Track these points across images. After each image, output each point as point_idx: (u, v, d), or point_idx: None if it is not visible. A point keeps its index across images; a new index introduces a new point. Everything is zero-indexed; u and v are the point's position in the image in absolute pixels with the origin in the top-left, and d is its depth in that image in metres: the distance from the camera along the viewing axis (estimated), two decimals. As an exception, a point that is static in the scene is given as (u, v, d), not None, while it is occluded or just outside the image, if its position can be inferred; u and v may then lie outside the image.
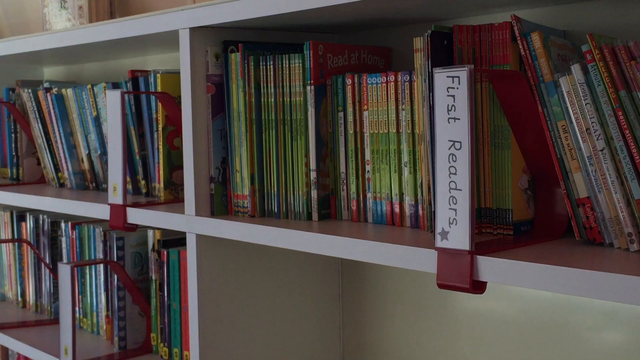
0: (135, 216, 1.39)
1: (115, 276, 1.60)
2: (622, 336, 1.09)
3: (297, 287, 1.42)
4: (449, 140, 0.89)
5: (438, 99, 0.90)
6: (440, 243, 0.90)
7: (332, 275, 1.46)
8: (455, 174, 0.89)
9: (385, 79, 1.11)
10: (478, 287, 0.89)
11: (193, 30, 1.24)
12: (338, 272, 1.47)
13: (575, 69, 0.89)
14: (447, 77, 0.89)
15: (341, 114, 1.17)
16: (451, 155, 0.89)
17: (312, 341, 1.44)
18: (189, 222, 1.28)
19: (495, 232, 1.01)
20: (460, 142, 0.88)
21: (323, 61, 1.18)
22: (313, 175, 1.18)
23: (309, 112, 1.17)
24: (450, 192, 0.89)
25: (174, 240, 1.52)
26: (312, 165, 1.18)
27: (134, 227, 1.41)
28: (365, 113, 1.14)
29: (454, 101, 0.88)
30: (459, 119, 0.88)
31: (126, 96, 1.55)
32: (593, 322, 1.12)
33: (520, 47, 0.94)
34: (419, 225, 1.09)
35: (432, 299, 1.32)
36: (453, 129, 0.89)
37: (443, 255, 0.90)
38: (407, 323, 1.37)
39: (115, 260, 1.60)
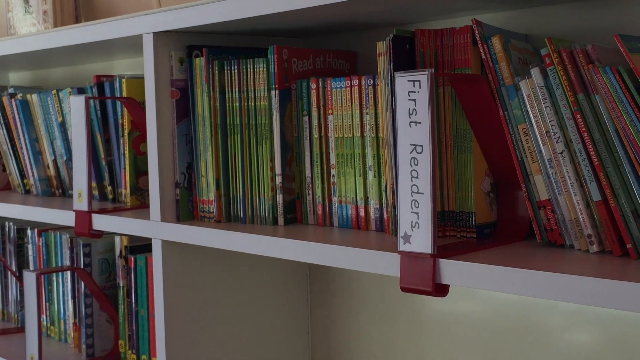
0: (101, 222, 1.37)
1: (83, 283, 1.58)
2: (588, 336, 1.10)
3: (265, 292, 1.41)
4: (411, 144, 0.89)
5: (399, 103, 0.90)
6: (402, 247, 0.91)
7: (300, 280, 1.46)
8: (417, 177, 0.89)
9: (349, 83, 1.11)
10: (440, 290, 0.89)
11: (157, 34, 1.23)
12: (307, 277, 1.47)
13: (535, 72, 0.90)
14: (408, 81, 0.89)
15: (306, 118, 1.17)
16: (413, 159, 0.89)
17: (280, 346, 1.44)
18: (155, 228, 1.27)
19: (459, 235, 1.02)
20: (421, 146, 0.88)
21: (288, 65, 1.18)
22: (278, 179, 1.18)
23: (273, 116, 1.17)
24: (412, 196, 0.89)
25: (142, 247, 1.51)
26: (278, 169, 1.18)
27: (100, 234, 1.40)
28: (330, 117, 1.14)
29: (415, 105, 0.89)
30: (420, 123, 0.88)
31: (92, 101, 1.54)
32: (559, 322, 1.13)
33: (481, 50, 0.95)
34: (384, 229, 1.09)
35: (400, 303, 1.32)
36: (414, 133, 0.89)
37: (406, 259, 0.91)
38: (376, 327, 1.37)
39: (82, 267, 1.59)
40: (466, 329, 1.24)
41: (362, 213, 1.12)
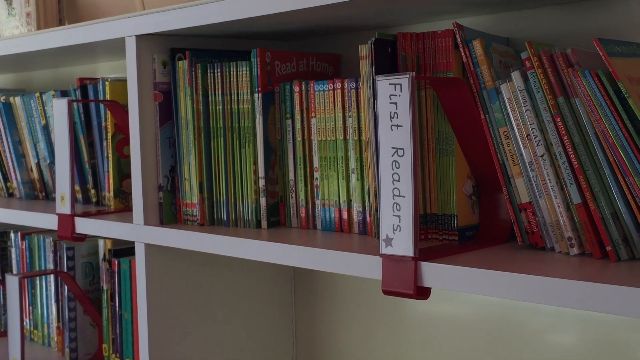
0: (84, 226, 1.37)
1: (66, 287, 1.57)
2: (570, 337, 1.11)
3: (250, 294, 1.41)
4: (392, 147, 0.90)
5: (381, 106, 0.90)
6: (384, 250, 0.91)
7: (284, 283, 1.46)
8: (398, 180, 0.89)
9: (332, 86, 1.11)
10: (422, 293, 0.89)
11: (139, 37, 1.23)
12: (291, 279, 1.47)
13: (515, 75, 0.91)
14: (390, 84, 0.89)
15: (289, 121, 1.17)
16: (394, 162, 0.89)
17: (265, 350, 1.43)
18: (137, 231, 1.26)
19: (441, 237, 1.02)
20: (403, 149, 0.89)
21: (271, 68, 1.18)
22: (262, 182, 1.18)
23: (256, 119, 1.17)
24: (394, 199, 0.90)
25: (125, 250, 1.50)
26: (261, 172, 1.18)
27: (83, 237, 1.39)
28: (313, 120, 1.14)
29: (397, 108, 0.89)
30: (401, 126, 0.89)
31: (75, 104, 1.54)
32: (542, 323, 1.14)
33: (462, 54, 0.95)
34: (367, 232, 1.09)
35: (384, 305, 1.33)
36: (396, 136, 0.89)
37: (387, 262, 0.91)
38: (360, 329, 1.37)
39: (65, 270, 1.58)
40: (449, 330, 1.24)
41: (345, 216, 1.12)
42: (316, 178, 1.15)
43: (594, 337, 1.08)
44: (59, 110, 1.38)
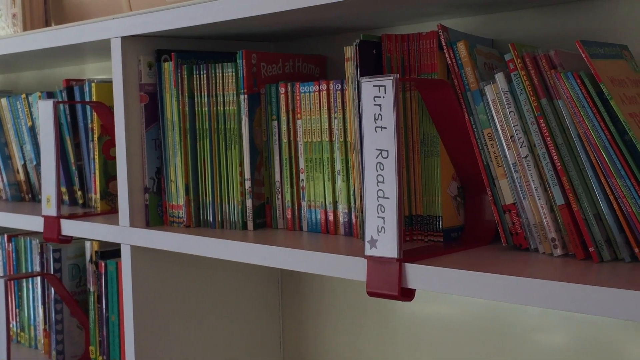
0: (70, 228, 1.36)
1: (53, 289, 1.57)
2: (557, 337, 1.11)
3: (236, 296, 1.41)
4: (377, 149, 0.90)
5: (365, 108, 0.90)
6: (369, 251, 0.91)
7: (271, 285, 1.46)
8: (383, 182, 0.89)
9: (317, 87, 1.11)
10: (406, 294, 0.89)
11: (125, 39, 1.23)
12: (278, 281, 1.47)
13: (499, 77, 0.91)
14: (374, 86, 0.89)
15: (275, 123, 1.17)
16: (379, 164, 0.89)
17: (252, 351, 1.43)
18: (123, 233, 1.26)
19: (426, 239, 1.02)
20: (387, 151, 0.89)
21: (256, 70, 1.18)
22: (248, 184, 1.17)
23: (242, 121, 1.17)
24: (378, 201, 0.90)
25: (112, 252, 1.50)
26: (247, 174, 1.17)
27: (69, 239, 1.39)
28: (299, 122, 1.14)
29: (381, 110, 0.89)
30: (385, 128, 0.89)
31: (61, 106, 1.53)
32: (529, 323, 1.14)
33: (447, 56, 0.96)
34: (353, 233, 1.10)
35: (371, 306, 1.33)
36: (380, 138, 0.89)
37: (372, 264, 0.91)
38: (347, 330, 1.37)
39: (52, 272, 1.57)
40: (436, 331, 1.24)
41: (330, 217, 1.12)
42: (302, 179, 1.15)
43: (581, 337, 1.09)
44: (44, 111, 1.37)
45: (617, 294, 0.73)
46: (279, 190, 1.18)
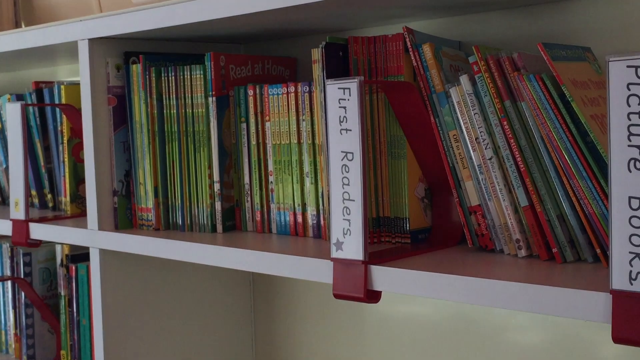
0: (38, 231, 1.35)
1: (23, 293, 1.55)
2: (526, 335, 1.12)
3: (208, 299, 1.40)
4: (342, 151, 0.90)
5: (330, 110, 0.90)
6: (335, 253, 0.91)
7: (243, 287, 1.45)
8: (348, 184, 0.89)
9: (285, 89, 1.11)
10: (372, 296, 0.89)
11: (92, 41, 1.22)
12: (250, 283, 1.46)
13: (464, 79, 0.91)
14: (339, 88, 0.89)
15: (244, 125, 1.17)
16: (344, 166, 0.90)
17: (223, 354, 1.43)
18: (92, 236, 1.25)
19: (394, 240, 1.02)
20: (352, 153, 0.89)
21: (225, 72, 1.17)
22: (217, 187, 1.17)
23: (211, 123, 1.17)
24: (344, 203, 0.90)
25: (83, 255, 1.49)
26: (216, 176, 1.17)
27: (38, 243, 1.37)
28: (268, 124, 1.14)
29: (346, 112, 0.89)
30: (350, 130, 0.89)
31: (31, 108, 1.52)
32: (500, 322, 1.14)
33: (412, 58, 0.96)
34: (321, 235, 1.09)
35: (343, 308, 1.33)
36: (345, 140, 0.89)
37: (338, 266, 0.91)
38: (320, 332, 1.37)
39: (22, 276, 1.56)
40: (408, 330, 1.25)
41: (299, 219, 1.12)
42: (271, 182, 1.15)
43: (551, 335, 1.09)
44: (12, 114, 1.36)
45: (578, 295, 0.74)
46: (248, 192, 1.17)
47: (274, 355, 1.45)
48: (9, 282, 1.63)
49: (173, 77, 1.19)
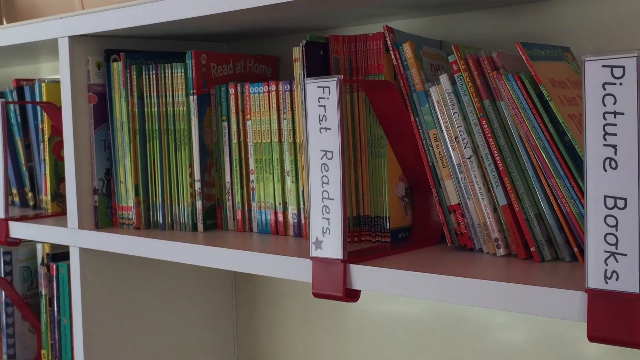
0: (18, 230, 1.34)
1: (3, 292, 1.54)
2: (509, 332, 1.12)
3: (189, 298, 1.40)
4: (322, 150, 0.90)
5: (310, 109, 0.90)
6: (314, 252, 0.91)
7: (225, 286, 1.45)
8: (327, 183, 0.89)
9: (267, 88, 1.11)
10: (351, 295, 0.89)
11: (72, 38, 1.21)
12: (232, 282, 1.46)
13: (443, 78, 0.91)
14: (318, 87, 0.89)
15: (225, 124, 1.17)
16: (324, 165, 0.89)
17: (205, 353, 1.42)
18: (72, 235, 1.24)
19: (374, 239, 1.02)
20: (331, 152, 0.89)
21: (206, 70, 1.17)
22: (198, 185, 1.17)
23: (192, 121, 1.16)
24: (323, 202, 0.90)
25: (64, 254, 1.48)
26: (197, 175, 1.17)
27: (17, 242, 1.37)
28: (249, 122, 1.14)
29: (325, 111, 0.89)
30: (330, 129, 0.89)
31: (12, 106, 1.51)
32: (482, 319, 1.15)
33: (393, 57, 0.96)
34: (302, 234, 1.09)
35: (325, 307, 1.33)
36: (325, 139, 0.89)
37: (317, 265, 0.91)
38: (302, 331, 1.37)
39: (3, 275, 1.55)
40: (389, 328, 1.25)
41: (280, 218, 1.12)
42: (252, 180, 1.14)
43: (532, 333, 1.10)
44: (-8, 112, 1.35)
45: (554, 293, 0.74)
46: (229, 191, 1.17)
47: (255, 353, 1.44)
48: (-10, 281, 1.62)
49: (154, 75, 1.18)
